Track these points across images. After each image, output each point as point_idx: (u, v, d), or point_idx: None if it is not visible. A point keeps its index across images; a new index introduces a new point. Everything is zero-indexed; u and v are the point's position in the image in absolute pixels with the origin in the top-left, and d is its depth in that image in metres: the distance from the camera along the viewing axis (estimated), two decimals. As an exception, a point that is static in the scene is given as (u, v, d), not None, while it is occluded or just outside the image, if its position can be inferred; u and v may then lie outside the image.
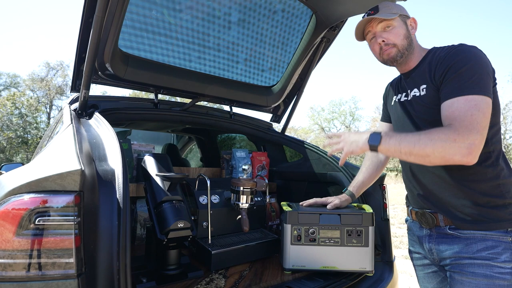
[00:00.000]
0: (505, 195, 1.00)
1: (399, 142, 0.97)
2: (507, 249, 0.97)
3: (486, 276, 0.97)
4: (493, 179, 1.01)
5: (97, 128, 1.29)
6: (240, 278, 1.28)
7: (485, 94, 0.94)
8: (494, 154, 1.02)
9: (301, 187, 2.08)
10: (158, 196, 1.21)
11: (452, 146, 0.89)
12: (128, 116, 1.73)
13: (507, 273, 0.96)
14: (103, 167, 1.00)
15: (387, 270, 1.53)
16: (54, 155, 1.00)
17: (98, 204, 0.89)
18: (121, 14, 1.40)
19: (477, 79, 0.95)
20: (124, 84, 1.73)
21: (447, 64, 1.01)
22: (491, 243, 0.98)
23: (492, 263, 0.97)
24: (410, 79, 1.17)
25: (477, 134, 0.89)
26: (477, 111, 0.91)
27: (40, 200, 0.76)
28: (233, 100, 2.18)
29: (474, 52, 1.00)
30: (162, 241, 1.17)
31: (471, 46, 1.02)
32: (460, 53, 1.00)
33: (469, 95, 0.94)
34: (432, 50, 1.14)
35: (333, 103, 31.34)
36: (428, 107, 1.08)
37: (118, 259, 0.85)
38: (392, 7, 1.16)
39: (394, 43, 1.13)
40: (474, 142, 0.89)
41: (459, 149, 0.89)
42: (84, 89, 1.45)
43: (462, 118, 0.91)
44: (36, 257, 0.74)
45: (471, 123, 0.90)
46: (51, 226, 0.76)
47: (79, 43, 1.48)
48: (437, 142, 0.91)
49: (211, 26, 1.77)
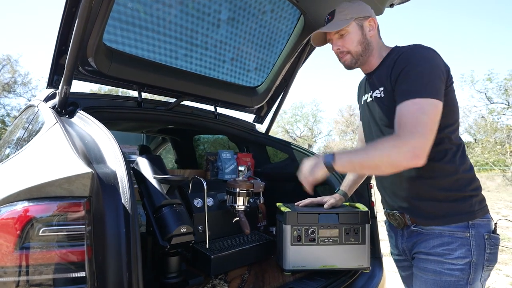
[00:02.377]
0: (464, 188, 1.02)
1: (350, 159, 1.00)
2: (463, 245, 0.98)
3: (435, 272, 1.00)
4: (451, 174, 1.03)
5: (84, 127, 1.18)
6: (242, 282, 1.24)
7: (433, 96, 0.95)
8: (452, 151, 1.04)
9: (288, 188, 2.08)
10: (157, 200, 1.14)
11: (396, 153, 0.91)
12: (111, 115, 1.61)
13: (457, 270, 0.97)
14: (103, 169, 0.91)
15: (377, 266, 1.58)
16: (46, 157, 0.90)
17: (104, 211, 0.81)
18: (109, 6, 1.31)
19: (426, 82, 0.96)
20: (107, 80, 1.61)
21: (399, 67, 1.03)
22: (447, 239, 1.00)
23: (444, 259, 0.99)
24: (372, 80, 1.19)
25: (421, 137, 0.90)
26: (422, 113, 0.93)
27: (45, 208, 0.68)
28: (218, 100, 2.13)
29: (424, 55, 1.01)
30: (161, 247, 1.10)
31: (422, 49, 1.03)
32: (411, 57, 1.02)
33: (415, 98, 0.95)
34: (394, 50, 1.14)
35: (295, 106, 32.05)
36: (386, 109, 1.09)
37: (128, 270, 0.78)
38: (347, 11, 1.15)
39: (348, 50, 1.16)
40: (418, 145, 0.90)
41: (403, 154, 0.90)
42: (65, 85, 1.32)
43: (407, 122, 0.93)
44: (43, 274, 0.65)
45: (414, 127, 0.91)
46: (58, 237, 0.68)
47: (60, 35, 1.36)
48: (383, 151, 0.94)
49: (200, 23, 1.71)
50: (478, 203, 1.03)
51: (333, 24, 1.16)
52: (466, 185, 1.03)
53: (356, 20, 1.15)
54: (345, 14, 1.15)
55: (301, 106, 31.83)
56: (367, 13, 1.17)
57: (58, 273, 0.66)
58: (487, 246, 0.99)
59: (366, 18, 1.16)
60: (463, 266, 0.97)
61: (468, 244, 0.98)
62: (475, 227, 1.00)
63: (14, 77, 20.06)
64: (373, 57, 1.17)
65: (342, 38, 1.16)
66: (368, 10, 1.19)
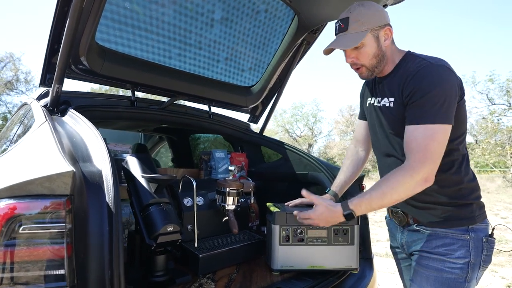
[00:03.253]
0: (467, 197, 1.09)
1: (370, 205, 1.07)
2: (463, 246, 1.05)
3: (437, 270, 1.07)
4: (457, 184, 1.09)
5: (74, 126, 1.19)
6: (230, 282, 1.25)
7: (445, 122, 0.99)
8: (458, 162, 1.09)
9: (281, 188, 2.09)
10: (145, 198, 1.14)
11: (411, 183, 1.00)
12: (103, 114, 1.62)
13: (457, 268, 1.05)
14: (88, 168, 0.92)
15: (368, 267, 1.58)
16: (32, 155, 0.90)
17: (87, 209, 0.82)
18: (101, 4, 1.31)
19: (440, 107, 0.99)
20: (99, 79, 1.62)
21: (414, 86, 1.03)
22: (449, 241, 1.07)
23: (446, 258, 1.06)
24: (382, 86, 1.19)
25: (430, 163, 0.99)
26: (432, 141, 0.98)
27: (25, 206, 0.68)
28: (212, 100, 2.14)
29: (441, 76, 1.01)
30: (148, 246, 1.10)
31: (439, 67, 1.03)
32: (427, 76, 1.02)
33: (428, 124, 0.99)
34: (407, 58, 1.13)
35: (295, 106, 32.01)
36: (395, 120, 1.12)
37: (111, 268, 0.79)
38: (363, 21, 1.07)
39: (362, 64, 1.12)
40: (427, 171, 0.99)
41: (417, 183, 1.00)
42: (57, 83, 1.33)
43: (417, 149, 1.00)
44: (23, 271, 0.65)
45: (424, 155, 0.98)
46: (39, 234, 0.68)
47: (52, 34, 1.36)
48: (398, 187, 1.01)
49: (193, 22, 1.72)
50: (478, 209, 1.10)
51: (347, 37, 1.09)
52: (469, 193, 1.09)
53: (372, 31, 1.08)
54: (360, 24, 1.07)
55: (301, 105, 31.79)
56: (384, 21, 1.10)
57: (37, 271, 0.67)
58: (484, 248, 1.06)
59: (383, 27, 1.09)
60: (463, 265, 1.04)
61: (468, 245, 1.05)
62: (475, 231, 1.07)
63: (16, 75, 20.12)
64: (387, 65, 1.15)
65: (356, 50, 1.10)
66: (385, 17, 1.11)
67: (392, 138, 1.16)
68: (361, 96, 1.43)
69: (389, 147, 1.19)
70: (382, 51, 1.11)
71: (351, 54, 1.12)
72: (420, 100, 1.01)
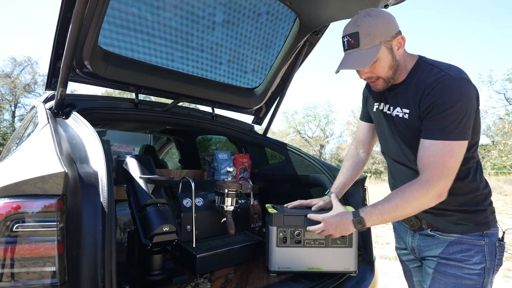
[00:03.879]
0: (482, 203, 1.10)
1: (381, 216, 1.07)
2: (479, 252, 1.06)
3: (456, 276, 1.07)
4: (472, 192, 1.09)
5: (76, 128, 1.23)
6: (226, 282, 1.26)
7: (463, 138, 0.99)
8: (473, 169, 1.10)
9: (284, 189, 2.09)
10: (142, 199, 1.17)
11: (426, 198, 1.00)
12: (107, 116, 1.66)
13: (475, 274, 1.05)
14: (85, 169, 0.95)
15: (369, 270, 1.57)
16: (31, 156, 0.94)
17: (81, 209, 0.85)
18: (103, 10, 1.35)
19: (459, 123, 0.97)
20: (103, 83, 1.66)
21: (433, 100, 0.99)
22: (466, 246, 1.07)
23: (463, 265, 1.06)
24: (394, 94, 1.15)
25: (446, 179, 0.99)
26: (450, 157, 0.98)
27: (19, 205, 0.71)
28: (215, 102, 2.15)
29: (461, 91, 0.98)
30: (145, 246, 1.13)
31: (459, 80, 0.99)
32: (447, 91, 0.98)
33: (446, 140, 0.98)
34: (420, 65, 1.09)
35: (307, 107, 31.84)
36: (410, 131, 1.11)
37: (103, 266, 0.81)
38: (374, 34, 1.00)
39: (378, 76, 1.09)
40: (443, 186, 0.99)
41: (432, 198, 1.00)
42: (61, 87, 1.38)
43: (434, 165, 0.99)
44: (16, 267, 0.68)
45: (442, 171, 0.98)
46: (32, 233, 0.71)
47: (56, 39, 1.41)
48: (413, 201, 1.01)
49: (195, 26, 1.74)
50: (491, 214, 1.11)
51: (361, 55, 1.02)
52: (484, 200, 1.11)
53: (385, 43, 1.02)
54: (372, 38, 1.00)
55: (313, 106, 31.62)
56: (395, 29, 1.04)
57: (29, 267, 0.70)
58: (497, 252, 1.08)
59: (395, 37, 1.04)
60: (480, 271, 1.05)
61: (483, 251, 1.06)
62: (489, 236, 1.08)
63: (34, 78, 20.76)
64: (401, 73, 1.12)
65: (371, 65, 1.05)
66: (395, 24, 1.05)
67: (404, 147, 1.16)
68: (364, 97, 1.40)
69: (400, 156, 1.19)
70: (397, 61, 1.07)
71: (365, 70, 1.08)
72: (439, 115, 0.99)
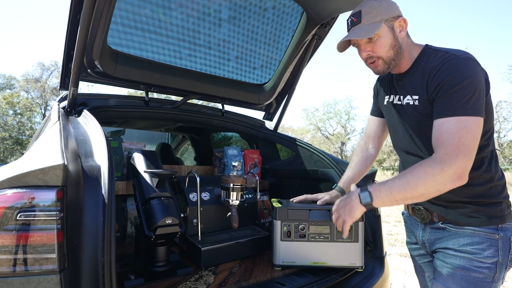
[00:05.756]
0: (497, 196, 1.05)
1: (391, 193, 0.98)
2: (492, 246, 1.02)
3: (464, 268, 1.04)
4: (487, 182, 1.04)
5: (85, 125, 1.28)
6: (230, 275, 1.27)
7: (477, 114, 0.93)
8: (487, 159, 1.05)
9: (293, 185, 2.08)
10: (146, 192, 1.20)
11: (442, 177, 0.90)
12: (118, 114, 1.72)
13: (485, 268, 1.01)
14: (89, 163, 0.99)
15: (378, 266, 1.53)
16: (39, 151, 0.99)
17: (83, 200, 0.89)
18: (110, 11, 1.39)
19: (470, 99, 0.93)
20: (114, 81, 1.72)
21: (441, 79, 0.98)
22: (478, 239, 1.03)
23: (473, 257, 1.03)
24: (402, 83, 1.14)
25: (464, 157, 0.90)
26: (466, 133, 0.91)
27: (22, 195, 0.76)
28: (225, 98, 2.17)
29: (468, 68, 0.96)
30: (149, 237, 1.16)
31: (466, 59, 0.98)
32: (455, 69, 0.97)
33: (460, 116, 0.93)
34: (426, 52, 1.08)
35: (327, 103, 31.37)
36: (421, 118, 1.08)
37: (103, 254, 0.85)
38: (376, 12, 1.05)
39: (379, 56, 1.08)
40: (462, 165, 0.90)
41: (449, 177, 0.90)
42: (72, 86, 1.44)
43: (450, 142, 0.92)
44: (18, 253, 0.73)
45: (458, 147, 0.90)
46: (33, 221, 0.76)
47: (67, 41, 1.47)
48: (426, 178, 0.92)
49: (201, 23, 1.76)
50: (507, 208, 1.06)
51: (361, 29, 1.06)
52: (499, 192, 1.06)
53: (386, 22, 1.05)
54: (374, 15, 1.05)
55: (334, 103, 31.11)
56: (397, 12, 1.08)
57: (31, 254, 0.74)
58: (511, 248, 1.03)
59: (396, 18, 1.07)
60: (491, 265, 1.01)
61: (496, 245, 1.02)
62: (504, 230, 1.04)
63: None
64: (404, 59, 1.11)
65: (372, 42, 1.07)
66: (397, 9, 1.09)
67: (415, 137, 1.12)
68: (375, 92, 1.40)
69: (412, 146, 1.15)
70: (399, 42, 1.07)
71: (367, 47, 1.08)
72: (448, 92, 0.96)
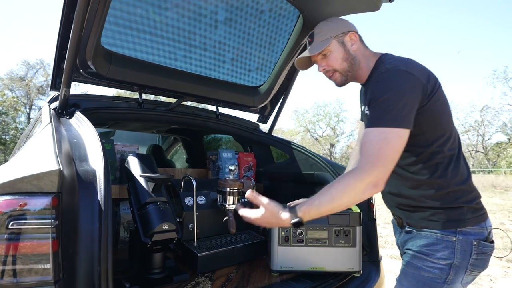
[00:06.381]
0: (456, 201, 1.04)
1: (319, 210, 1.00)
2: (447, 248, 1.02)
3: (416, 267, 1.06)
4: (443, 188, 1.04)
5: (78, 128, 1.24)
6: (227, 281, 1.25)
7: (398, 126, 0.96)
8: (443, 165, 1.04)
9: (288, 188, 2.07)
10: (142, 197, 1.17)
11: (360, 186, 0.94)
12: (111, 115, 1.67)
13: (437, 268, 1.02)
14: (83, 167, 0.96)
15: (374, 270, 1.53)
16: (31, 155, 0.95)
17: (78, 206, 0.85)
18: (104, 10, 1.35)
19: (391, 111, 0.97)
20: (107, 82, 1.67)
21: (372, 92, 1.04)
22: (433, 241, 1.05)
23: (427, 257, 1.04)
24: (365, 93, 1.19)
25: (382, 167, 0.94)
26: (385, 144, 0.95)
27: (14, 202, 0.72)
28: (219, 100, 2.15)
29: (395, 81, 1.00)
30: (145, 244, 1.13)
31: (396, 72, 1.01)
32: (382, 82, 1.02)
33: (381, 127, 0.97)
34: (379, 62, 1.12)
35: (317, 105, 31.67)
36: None
37: (99, 263, 0.81)
38: (325, 31, 1.16)
39: (334, 69, 1.17)
40: (378, 175, 0.94)
41: (366, 185, 0.94)
42: (64, 87, 1.39)
43: (370, 153, 0.96)
44: (10, 264, 0.69)
45: (377, 157, 0.95)
46: (27, 230, 0.72)
47: (59, 40, 1.42)
48: (349, 191, 0.96)
49: (197, 24, 1.74)
50: (470, 212, 1.04)
51: (313, 46, 1.18)
52: (458, 198, 1.04)
53: (336, 37, 1.16)
54: (324, 34, 1.16)
55: (324, 105, 31.40)
56: (346, 28, 1.17)
57: (24, 264, 0.70)
58: (473, 252, 1.01)
59: (346, 33, 1.16)
60: (443, 266, 1.01)
61: (453, 247, 1.01)
62: (464, 233, 1.02)
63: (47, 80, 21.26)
64: (361, 70, 1.18)
65: (326, 58, 1.17)
66: (346, 25, 1.19)
67: None
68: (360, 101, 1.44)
69: None
70: (351, 55, 1.16)
71: (322, 63, 1.19)
72: (373, 105, 1.01)
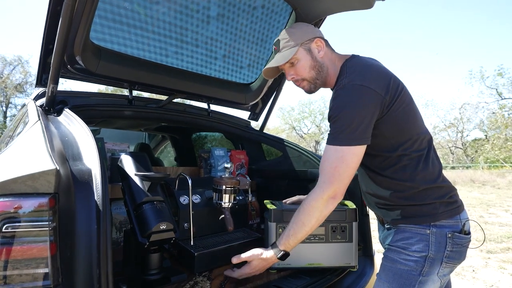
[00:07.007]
0: (427, 198, 1.05)
1: (296, 238, 1.09)
2: (422, 241, 1.03)
3: (392, 260, 1.08)
4: (412, 188, 1.06)
5: (68, 126, 1.19)
6: (226, 280, 1.24)
7: (352, 144, 0.99)
8: (411, 166, 1.05)
9: (282, 185, 2.07)
10: (138, 197, 1.14)
11: (321, 203, 1.03)
12: (100, 113, 1.62)
13: (412, 261, 1.03)
14: (78, 167, 0.91)
15: (368, 265, 1.56)
16: (21, 154, 0.90)
17: (75, 207, 0.81)
18: (94, 3, 1.30)
19: (346, 129, 0.99)
20: (96, 79, 1.61)
21: (330, 107, 1.06)
22: (408, 234, 1.06)
23: (402, 251, 1.06)
24: None
25: (338, 183, 1.01)
26: (341, 162, 1.00)
27: (8, 204, 0.68)
28: (211, 97, 2.12)
29: (350, 99, 1.00)
30: (142, 244, 1.10)
31: (351, 88, 1.01)
32: (337, 100, 1.03)
33: (337, 145, 1.01)
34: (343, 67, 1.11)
35: (302, 103, 31.92)
36: None
37: (98, 266, 0.78)
38: (291, 38, 1.14)
39: (302, 78, 1.16)
40: (335, 190, 1.01)
41: (327, 201, 1.02)
42: (52, 83, 1.33)
43: (327, 170, 1.02)
44: (6, 269, 0.65)
45: (333, 175, 1.01)
46: (22, 233, 0.68)
47: (46, 33, 1.36)
48: (314, 212, 1.04)
49: (189, 20, 1.70)
50: (443, 206, 1.06)
51: (280, 56, 1.16)
52: (429, 195, 1.06)
53: (302, 45, 1.14)
54: (289, 41, 1.14)
55: (309, 103, 31.67)
56: (312, 35, 1.15)
57: (21, 269, 0.67)
58: (448, 244, 1.02)
59: (312, 40, 1.15)
60: (418, 259, 1.02)
61: (427, 240, 1.03)
62: (438, 226, 1.04)
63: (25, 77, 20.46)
64: (329, 76, 1.17)
65: (293, 66, 1.16)
66: (312, 31, 1.17)
67: None
68: None
69: None
70: (319, 62, 1.15)
71: (290, 71, 1.18)
72: (330, 123, 1.04)
